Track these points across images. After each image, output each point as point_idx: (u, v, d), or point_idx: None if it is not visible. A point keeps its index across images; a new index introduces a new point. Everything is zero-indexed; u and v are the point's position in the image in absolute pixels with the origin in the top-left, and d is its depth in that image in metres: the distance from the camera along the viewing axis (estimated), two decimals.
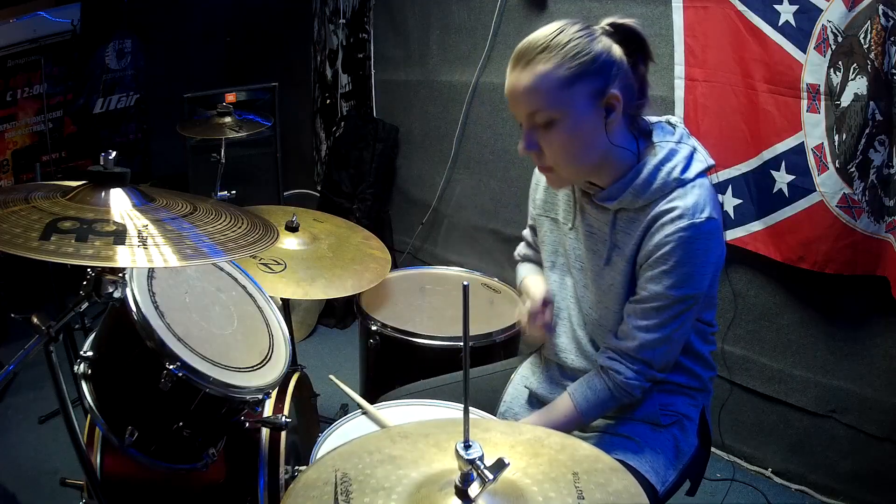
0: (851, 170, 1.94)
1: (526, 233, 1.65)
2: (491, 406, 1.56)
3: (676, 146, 1.28)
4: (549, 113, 1.21)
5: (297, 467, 1.60)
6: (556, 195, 1.47)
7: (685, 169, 1.26)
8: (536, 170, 1.52)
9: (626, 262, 1.31)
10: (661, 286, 1.25)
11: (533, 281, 1.55)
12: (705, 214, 1.22)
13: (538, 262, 1.63)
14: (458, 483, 0.82)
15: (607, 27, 1.24)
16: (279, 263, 1.92)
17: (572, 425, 1.37)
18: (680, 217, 1.21)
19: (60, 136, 3.81)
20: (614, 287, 1.34)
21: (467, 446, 0.82)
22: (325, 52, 4.06)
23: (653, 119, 1.34)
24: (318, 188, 4.13)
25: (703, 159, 1.28)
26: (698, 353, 1.42)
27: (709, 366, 1.47)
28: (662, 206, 1.24)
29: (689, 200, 1.22)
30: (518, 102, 1.24)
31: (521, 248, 1.69)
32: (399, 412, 1.48)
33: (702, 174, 1.27)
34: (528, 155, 1.28)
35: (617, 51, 1.22)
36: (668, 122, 1.35)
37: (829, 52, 1.92)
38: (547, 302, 1.47)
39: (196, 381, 1.26)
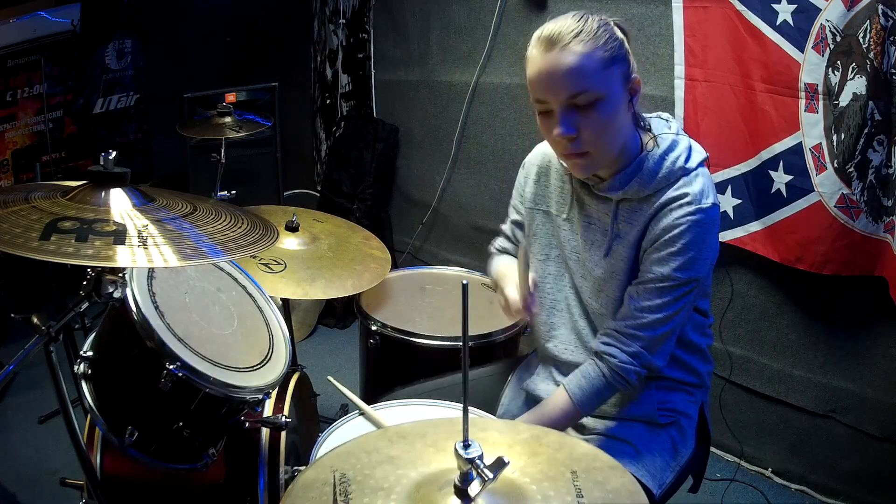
0: (850, 170, 1.94)
1: (505, 227, 1.64)
2: (490, 407, 1.56)
3: (677, 137, 1.31)
4: (594, 93, 1.20)
5: (296, 467, 1.60)
6: (548, 187, 1.47)
7: (688, 158, 1.29)
8: (527, 163, 1.53)
9: (629, 248, 1.32)
10: (667, 268, 1.26)
11: (510, 269, 1.53)
12: (710, 201, 1.25)
13: (516, 256, 1.62)
14: (457, 482, 0.82)
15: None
16: (279, 263, 1.92)
17: (569, 419, 1.37)
18: (689, 202, 1.24)
19: (60, 136, 3.81)
20: (616, 274, 1.35)
21: (466, 445, 0.83)
22: (325, 52, 4.06)
23: (645, 115, 1.37)
24: (318, 188, 4.13)
25: (700, 150, 1.32)
26: (696, 346, 1.43)
27: (707, 360, 1.47)
28: (671, 192, 1.26)
29: (696, 187, 1.25)
30: (559, 83, 1.21)
31: (499, 242, 1.68)
32: (398, 412, 1.48)
33: (701, 164, 1.30)
34: (563, 140, 1.24)
35: (626, 43, 1.25)
36: (660, 117, 1.38)
37: (828, 51, 1.92)
38: (536, 285, 1.45)
39: (196, 381, 1.27)
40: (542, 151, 1.50)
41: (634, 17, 2.38)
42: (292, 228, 2.05)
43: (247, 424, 1.53)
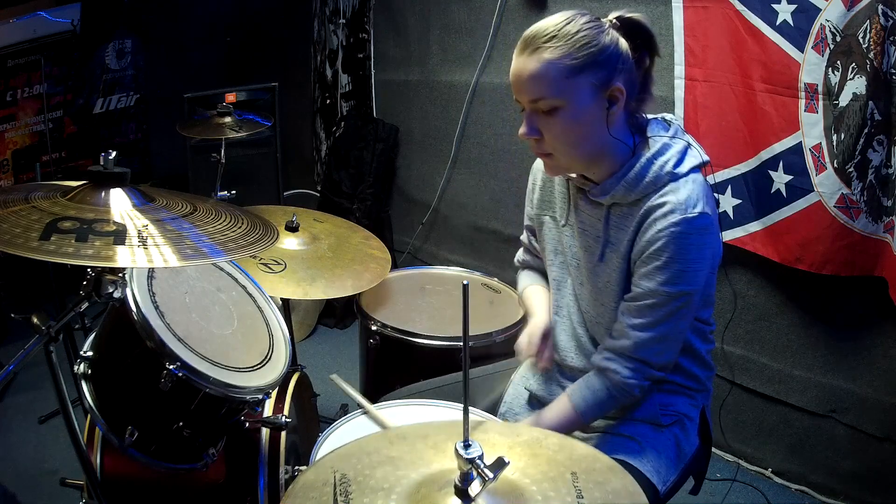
0: (850, 170, 1.94)
1: (524, 238, 1.65)
2: (491, 407, 1.56)
3: (670, 141, 1.28)
4: (552, 100, 1.21)
5: (297, 467, 1.60)
6: (553, 193, 1.46)
7: (678, 163, 1.25)
8: (533, 169, 1.53)
9: (620, 258, 1.30)
10: (654, 283, 1.24)
11: (535, 301, 1.55)
12: (698, 209, 1.21)
13: (538, 269, 1.63)
14: (457, 483, 0.82)
15: (615, 21, 1.24)
16: (279, 263, 1.92)
17: (571, 426, 1.37)
18: (672, 212, 1.21)
19: (60, 136, 3.81)
20: (610, 284, 1.34)
21: (467, 445, 0.83)
22: (325, 52, 4.06)
23: (649, 116, 1.35)
24: (318, 188, 4.14)
25: (697, 155, 1.28)
26: (697, 352, 1.42)
27: (707, 365, 1.47)
28: (654, 200, 1.23)
29: (682, 195, 1.22)
30: (522, 88, 1.23)
31: (521, 254, 1.68)
32: (399, 412, 1.48)
33: (695, 169, 1.26)
34: (528, 140, 1.28)
35: (623, 44, 1.22)
36: (664, 119, 1.35)
37: (828, 51, 1.92)
38: (546, 336, 1.47)
39: (196, 381, 1.26)
40: None
41: None
42: (292, 228, 2.05)
43: (247, 424, 1.53)
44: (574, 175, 1.36)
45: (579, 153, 1.27)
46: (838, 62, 1.91)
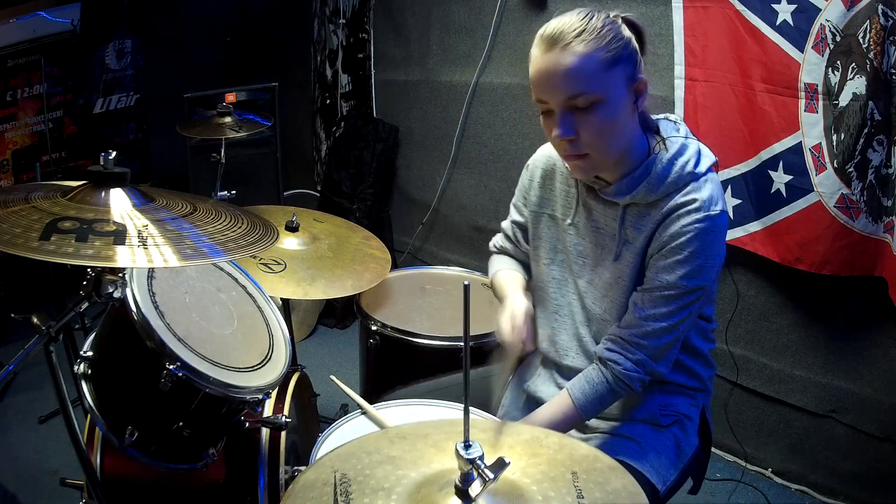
0: (850, 170, 1.94)
1: (505, 225, 1.62)
2: (489, 408, 1.56)
3: (686, 141, 1.29)
4: (592, 95, 1.18)
5: (297, 467, 1.60)
6: (553, 191, 1.45)
7: (697, 163, 1.27)
8: (530, 166, 1.51)
9: (635, 255, 1.30)
10: (674, 276, 1.25)
11: (510, 284, 1.52)
12: (719, 208, 1.23)
13: (515, 257, 1.62)
14: (458, 483, 0.82)
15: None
16: (279, 263, 1.92)
17: (571, 423, 1.36)
18: (698, 209, 1.22)
19: (60, 136, 3.82)
20: (622, 280, 1.33)
21: (467, 446, 0.83)
22: (325, 52, 4.06)
23: (653, 116, 1.35)
24: (318, 188, 4.14)
25: (709, 154, 1.30)
26: (699, 350, 1.42)
27: (709, 364, 1.47)
28: (678, 199, 1.24)
29: (705, 193, 1.23)
30: (557, 84, 1.19)
31: (499, 240, 1.66)
32: (399, 413, 1.48)
33: (710, 169, 1.28)
34: (562, 141, 1.23)
35: (635, 42, 1.23)
36: (668, 119, 1.35)
37: (828, 51, 1.92)
38: (531, 319, 1.43)
39: (196, 381, 1.27)
40: (547, 154, 1.47)
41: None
42: (292, 228, 2.05)
43: (247, 424, 1.53)
44: None
45: (615, 150, 1.26)
46: (838, 62, 1.91)
